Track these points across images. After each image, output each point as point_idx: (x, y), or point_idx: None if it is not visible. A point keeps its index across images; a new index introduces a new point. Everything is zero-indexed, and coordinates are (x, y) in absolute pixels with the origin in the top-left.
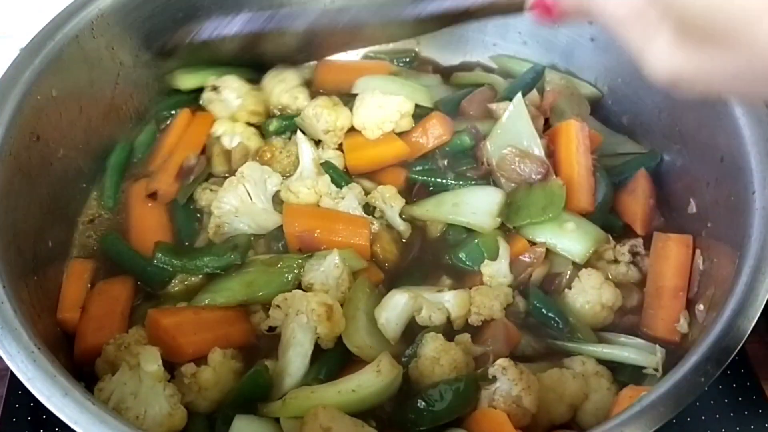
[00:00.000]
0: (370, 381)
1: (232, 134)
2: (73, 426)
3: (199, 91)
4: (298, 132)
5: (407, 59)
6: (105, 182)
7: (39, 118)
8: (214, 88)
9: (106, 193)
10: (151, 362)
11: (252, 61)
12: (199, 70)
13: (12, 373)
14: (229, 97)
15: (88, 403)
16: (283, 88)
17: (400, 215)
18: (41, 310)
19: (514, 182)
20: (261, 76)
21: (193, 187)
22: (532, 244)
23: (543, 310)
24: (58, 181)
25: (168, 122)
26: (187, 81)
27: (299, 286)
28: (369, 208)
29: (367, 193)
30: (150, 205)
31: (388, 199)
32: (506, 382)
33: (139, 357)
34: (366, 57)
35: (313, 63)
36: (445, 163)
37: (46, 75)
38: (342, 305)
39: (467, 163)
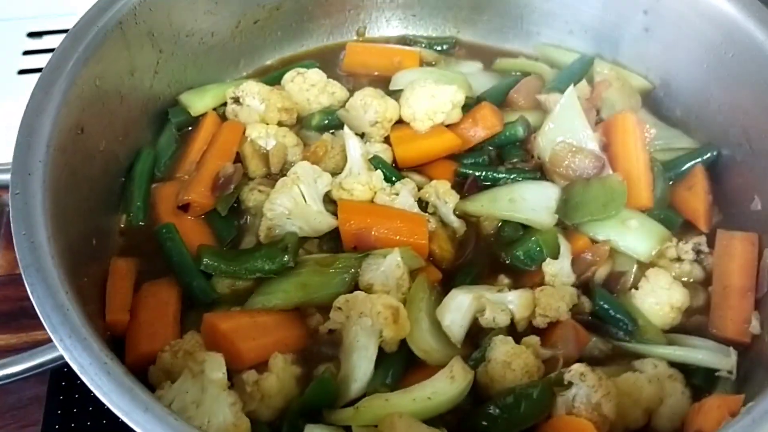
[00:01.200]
0: (445, 388)
1: (267, 136)
2: None
3: None
4: (345, 127)
5: (446, 45)
6: (132, 191)
7: (83, 109)
8: (235, 100)
9: (134, 204)
10: (217, 369)
11: None
12: (208, 89)
13: (53, 372)
14: (253, 103)
15: (171, 419)
16: (309, 86)
17: (454, 211)
18: (92, 315)
19: (567, 178)
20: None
21: (234, 197)
22: (593, 242)
23: (610, 311)
24: (100, 176)
25: (189, 127)
26: (198, 104)
27: (356, 287)
28: (422, 204)
29: (418, 187)
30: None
31: (443, 195)
32: (585, 388)
33: (204, 364)
34: (404, 40)
35: None
36: (495, 155)
37: (90, 63)
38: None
39: (518, 156)
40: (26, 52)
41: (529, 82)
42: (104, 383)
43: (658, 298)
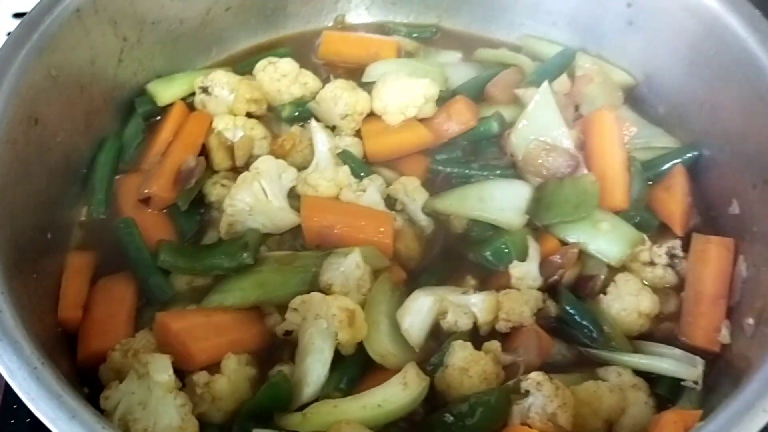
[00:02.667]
0: (397, 395)
1: (234, 127)
2: None
3: None
4: (312, 120)
5: (427, 33)
6: (94, 183)
7: (37, 99)
8: (204, 90)
9: (96, 195)
10: (162, 372)
11: None
12: (176, 78)
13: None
14: (222, 93)
15: (98, 427)
16: (280, 77)
17: (423, 209)
18: (42, 312)
19: (540, 177)
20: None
21: (195, 191)
22: (563, 243)
23: (576, 316)
24: (58, 168)
25: (157, 116)
26: (165, 94)
27: (316, 287)
28: (390, 200)
29: (387, 184)
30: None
31: (411, 192)
32: (541, 397)
33: (149, 366)
34: (383, 28)
35: None
36: (468, 151)
37: (44, 53)
38: (362, 307)
39: (492, 153)
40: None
41: (508, 76)
42: (32, 389)
43: (626, 305)
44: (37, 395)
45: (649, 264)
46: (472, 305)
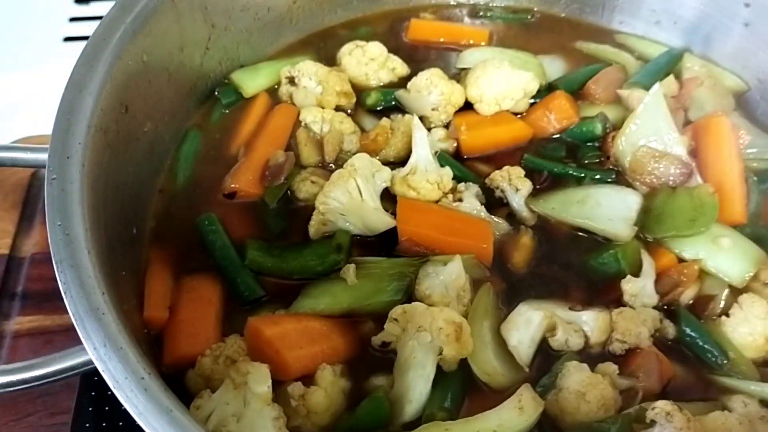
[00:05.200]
0: (512, 419)
1: (322, 121)
2: None
3: None
4: (415, 117)
5: (524, 18)
6: (177, 175)
7: (128, 86)
8: (290, 80)
9: (178, 189)
10: (262, 383)
11: None
12: (261, 68)
13: (82, 380)
14: (309, 84)
15: None
16: (368, 60)
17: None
18: (129, 312)
19: (649, 185)
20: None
21: (284, 188)
22: (680, 260)
23: (698, 339)
24: (144, 159)
25: (238, 102)
26: (251, 84)
27: (411, 297)
28: (488, 194)
29: (481, 176)
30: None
31: (515, 181)
32: (670, 428)
33: (248, 376)
34: (477, 13)
35: None
36: (566, 152)
37: (138, 36)
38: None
39: (593, 156)
40: (72, 19)
41: (610, 74)
42: (140, 402)
43: (753, 329)
44: (146, 409)
45: None
46: (583, 323)
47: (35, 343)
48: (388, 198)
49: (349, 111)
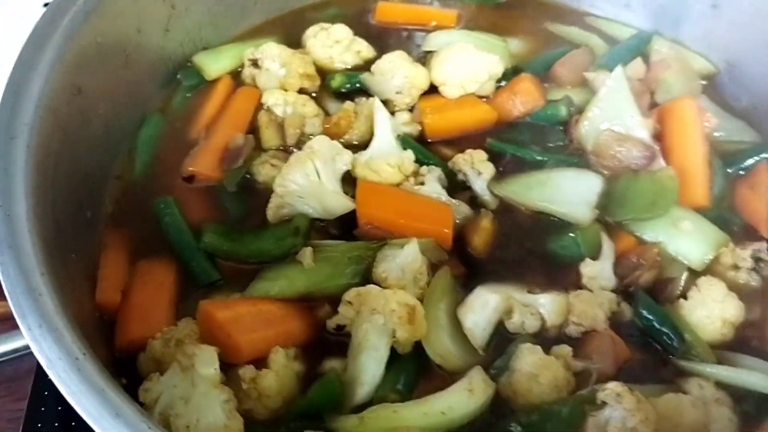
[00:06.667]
0: (462, 402)
1: (285, 104)
2: None
3: None
4: (376, 100)
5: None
6: (135, 159)
7: (81, 68)
8: (254, 63)
9: (136, 173)
10: (208, 365)
11: None
12: (224, 50)
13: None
14: (272, 66)
15: (143, 427)
16: (333, 43)
17: (488, 186)
18: (80, 295)
19: (611, 169)
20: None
21: (242, 171)
22: (640, 242)
23: (655, 322)
24: (98, 141)
25: (200, 85)
26: (213, 66)
27: (368, 279)
28: (451, 185)
29: (445, 160)
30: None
31: (478, 165)
32: (621, 410)
33: (195, 358)
34: None
35: None
36: (530, 136)
37: (91, 17)
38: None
39: (556, 139)
40: None
41: (577, 56)
42: (73, 382)
43: (710, 311)
44: (78, 389)
45: (733, 268)
46: (540, 306)
47: None
48: (350, 182)
49: (313, 94)
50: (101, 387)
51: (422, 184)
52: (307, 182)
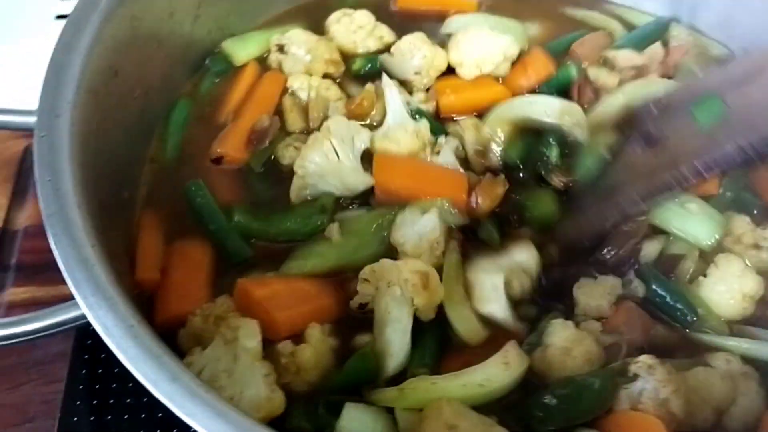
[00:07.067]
0: (499, 375)
1: (309, 88)
2: (187, 419)
3: None
4: (384, 76)
5: None
6: (167, 142)
7: (118, 50)
8: (280, 48)
9: (168, 156)
10: (251, 338)
11: None
12: (251, 37)
13: (78, 330)
14: (299, 52)
15: (200, 391)
16: (356, 28)
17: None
18: (120, 272)
19: None
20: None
21: (269, 152)
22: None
23: (668, 298)
24: (134, 125)
25: (228, 71)
26: (241, 53)
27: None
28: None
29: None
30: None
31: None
32: (653, 382)
33: (239, 331)
34: None
35: None
36: None
37: (127, 2)
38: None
39: None
40: None
41: (596, 38)
42: (130, 348)
43: (729, 286)
44: (135, 354)
45: (753, 247)
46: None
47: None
48: (370, 160)
49: (337, 79)
50: (158, 353)
51: (437, 153)
52: (326, 161)
